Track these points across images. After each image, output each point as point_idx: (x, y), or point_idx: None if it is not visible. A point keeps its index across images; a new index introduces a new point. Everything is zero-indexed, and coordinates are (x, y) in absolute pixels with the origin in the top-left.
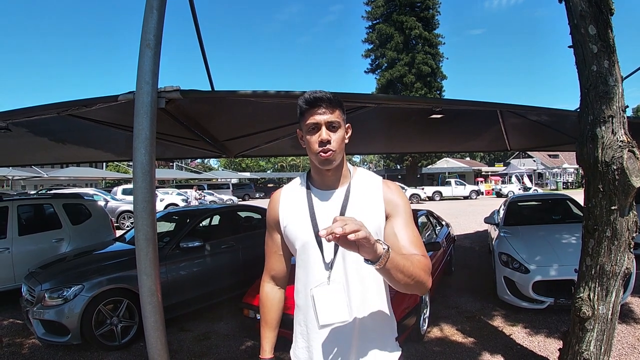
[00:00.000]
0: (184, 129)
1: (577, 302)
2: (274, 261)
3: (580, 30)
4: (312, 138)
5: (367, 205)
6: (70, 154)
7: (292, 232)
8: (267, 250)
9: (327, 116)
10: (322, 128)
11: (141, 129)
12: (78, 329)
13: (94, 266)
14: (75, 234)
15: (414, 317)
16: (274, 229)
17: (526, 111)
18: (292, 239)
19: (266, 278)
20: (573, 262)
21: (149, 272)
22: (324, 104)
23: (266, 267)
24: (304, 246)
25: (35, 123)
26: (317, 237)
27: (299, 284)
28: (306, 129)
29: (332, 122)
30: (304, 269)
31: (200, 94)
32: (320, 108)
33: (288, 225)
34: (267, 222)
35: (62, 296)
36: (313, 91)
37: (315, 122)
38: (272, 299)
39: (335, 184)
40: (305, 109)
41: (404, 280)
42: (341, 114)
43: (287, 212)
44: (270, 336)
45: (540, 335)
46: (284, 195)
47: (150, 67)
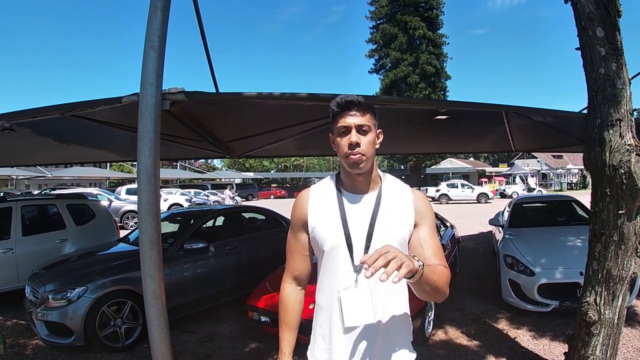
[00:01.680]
0: (188, 130)
1: (584, 307)
2: (297, 261)
3: (587, 33)
4: (342, 141)
5: (398, 212)
6: (74, 154)
7: (321, 234)
8: (291, 250)
9: (357, 119)
10: (352, 131)
11: (145, 132)
12: (82, 330)
13: (98, 267)
14: (79, 235)
15: (419, 319)
16: (300, 229)
17: (531, 113)
18: (321, 241)
19: (288, 278)
20: (579, 264)
21: (153, 275)
22: (355, 107)
23: (288, 268)
24: (333, 249)
25: (39, 123)
26: (347, 241)
27: (323, 285)
28: (337, 132)
29: (362, 126)
30: (331, 271)
31: (205, 95)
32: (351, 111)
33: (317, 226)
34: (292, 221)
35: (65, 297)
36: (345, 95)
37: (345, 125)
38: (293, 300)
39: (365, 188)
40: (336, 112)
41: (430, 291)
42: (372, 118)
43: (316, 214)
44: (290, 338)
45: (545, 339)
46: (313, 195)
47: (155, 68)
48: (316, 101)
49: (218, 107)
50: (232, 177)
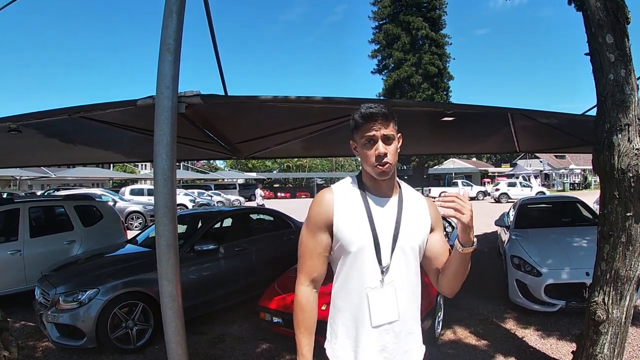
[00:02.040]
0: (199, 132)
1: (592, 306)
2: (316, 263)
3: (597, 39)
4: (369, 152)
5: (418, 216)
6: (79, 154)
7: (348, 235)
8: (309, 252)
9: (383, 130)
10: (379, 142)
11: (162, 135)
12: (93, 332)
13: (109, 269)
14: (87, 236)
15: (430, 320)
16: (322, 229)
17: (536, 114)
18: (347, 242)
19: (304, 281)
20: (585, 265)
21: (170, 278)
22: (380, 118)
23: (304, 270)
24: (360, 250)
25: (45, 125)
26: (375, 242)
27: (347, 286)
28: (362, 143)
29: (387, 136)
30: (357, 271)
31: (221, 99)
32: (376, 123)
33: (344, 228)
34: (312, 222)
35: (77, 300)
36: (368, 105)
37: (371, 136)
38: (312, 303)
39: (389, 192)
40: (361, 122)
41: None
42: (395, 125)
43: (343, 215)
44: (311, 342)
45: (552, 338)
46: (338, 196)
47: (171, 71)
48: (331, 104)
49: (231, 110)
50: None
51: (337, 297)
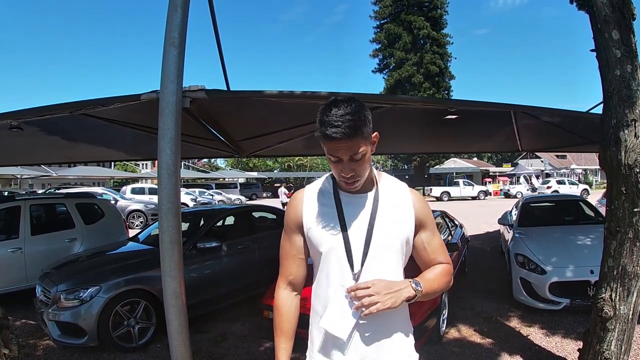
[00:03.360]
0: (201, 128)
1: (599, 303)
2: (292, 265)
3: (603, 35)
4: (335, 167)
5: (397, 213)
6: (81, 152)
7: (317, 235)
8: (285, 254)
9: (348, 150)
10: (345, 163)
11: (166, 129)
12: (95, 330)
13: (110, 267)
14: (88, 234)
15: (435, 318)
16: (295, 231)
17: (540, 112)
18: (317, 243)
19: (282, 284)
20: (589, 263)
21: (173, 275)
22: (344, 140)
23: (282, 272)
24: (330, 250)
25: (47, 122)
26: (345, 242)
27: (320, 289)
28: (329, 158)
29: (354, 155)
30: (328, 274)
31: (225, 94)
32: (340, 144)
33: (313, 227)
34: (286, 223)
35: (78, 297)
36: (330, 121)
37: (335, 156)
38: (289, 306)
39: (362, 189)
40: (326, 141)
41: (432, 297)
42: (365, 137)
43: (312, 214)
44: (287, 347)
45: (557, 336)
46: (308, 196)
47: (175, 65)
48: None
49: (234, 106)
50: (236, 177)
51: (313, 300)
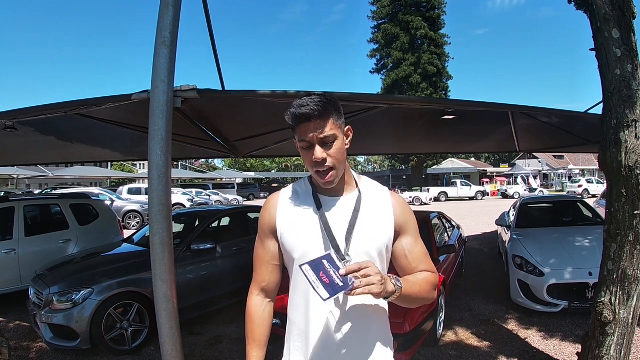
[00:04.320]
0: (197, 129)
1: (599, 307)
2: (265, 272)
3: (603, 34)
4: (307, 156)
5: (378, 218)
6: (77, 153)
7: (289, 239)
8: (258, 260)
9: (318, 131)
10: (316, 147)
11: (157, 130)
12: (88, 333)
13: (104, 269)
14: (83, 235)
15: (431, 321)
16: (268, 236)
17: (538, 113)
18: (290, 248)
19: (255, 290)
20: (587, 265)
21: (164, 278)
22: (313, 118)
23: (255, 278)
24: (304, 257)
25: (41, 122)
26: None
27: (295, 299)
28: (300, 146)
29: (325, 138)
30: (302, 281)
31: (217, 93)
32: (310, 125)
33: (286, 232)
34: (260, 228)
35: (71, 300)
36: (300, 103)
37: (306, 141)
38: (261, 313)
39: (340, 191)
40: (293, 126)
41: (412, 303)
42: (336, 121)
43: (286, 218)
44: (259, 355)
45: (555, 339)
46: (284, 199)
47: (167, 65)
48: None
49: (228, 106)
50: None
51: (289, 310)
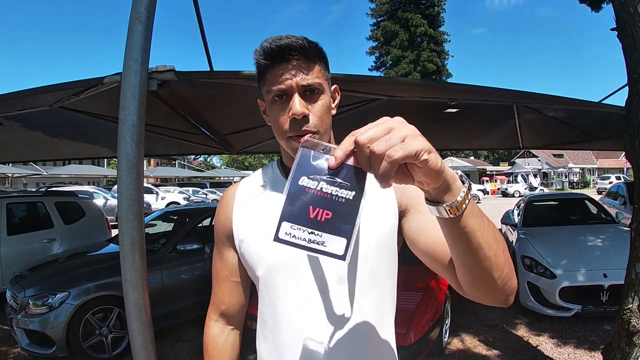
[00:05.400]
0: (183, 121)
1: (625, 314)
2: (224, 291)
3: (628, 10)
4: (280, 114)
5: (373, 207)
6: (66, 149)
7: (252, 250)
8: (215, 275)
9: (300, 76)
10: (295, 97)
11: (127, 114)
12: (64, 339)
13: (83, 271)
14: (68, 234)
15: (437, 329)
16: (225, 244)
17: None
18: (252, 263)
19: (213, 314)
20: (601, 266)
21: (135, 283)
22: (294, 53)
23: (213, 300)
24: (274, 271)
25: (27, 117)
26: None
27: (265, 330)
28: (269, 100)
29: (309, 86)
30: (271, 307)
31: (198, 75)
32: (288, 64)
33: (247, 239)
34: (215, 233)
35: (47, 304)
36: (276, 37)
37: (282, 89)
38: (221, 345)
39: None
40: (264, 66)
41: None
42: (323, 70)
43: (245, 220)
44: None
45: (569, 346)
46: (242, 193)
47: (141, 42)
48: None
49: (214, 91)
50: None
51: (258, 344)
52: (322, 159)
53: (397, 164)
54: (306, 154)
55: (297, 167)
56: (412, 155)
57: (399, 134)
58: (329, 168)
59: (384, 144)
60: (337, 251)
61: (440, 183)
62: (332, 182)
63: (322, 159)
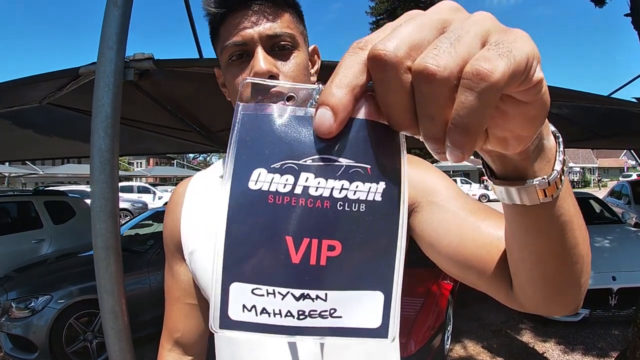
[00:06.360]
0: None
1: None
2: (178, 315)
3: None
4: (239, 76)
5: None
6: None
7: (204, 266)
8: (167, 296)
9: (264, 25)
10: (258, 50)
11: (101, 106)
12: (46, 345)
13: (66, 273)
14: (58, 234)
15: (440, 335)
16: (175, 256)
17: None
18: (206, 282)
19: (167, 343)
20: (610, 268)
21: (110, 290)
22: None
23: (166, 325)
24: None
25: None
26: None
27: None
28: (225, 60)
29: (277, 37)
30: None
31: (178, 63)
32: (249, 9)
33: (197, 251)
34: (164, 243)
35: (29, 307)
36: None
37: (238, 42)
38: None
39: None
40: (216, 15)
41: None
42: (295, 20)
43: (196, 226)
44: None
45: (577, 353)
46: (193, 192)
47: (116, 29)
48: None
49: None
50: None
51: None
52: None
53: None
54: (256, 116)
55: (239, 148)
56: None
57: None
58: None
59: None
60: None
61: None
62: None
63: (296, 121)
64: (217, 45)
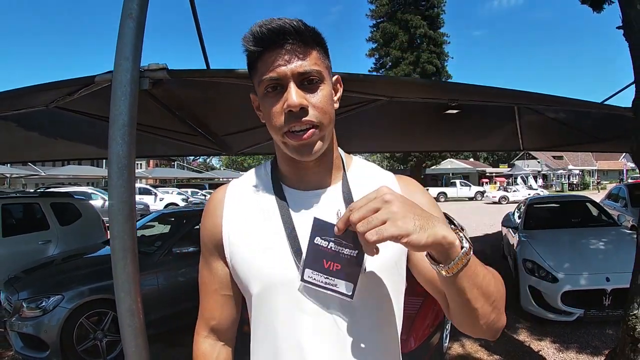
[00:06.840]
0: (180, 122)
1: (631, 320)
2: (214, 305)
3: (635, 7)
4: (274, 106)
5: None
6: (63, 150)
7: (245, 263)
8: (203, 288)
9: (296, 62)
10: (290, 86)
11: (118, 114)
12: (58, 344)
13: (77, 273)
14: (64, 236)
15: (438, 334)
16: (213, 253)
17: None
18: (245, 277)
19: (202, 330)
20: (604, 269)
21: (127, 289)
22: (288, 38)
23: (202, 314)
24: (268, 290)
25: (22, 117)
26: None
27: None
28: (261, 93)
29: (307, 74)
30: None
31: (191, 73)
32: (282, 49)
33: (236, 250)
34: (201, 241)
35: (40, 307)
36: (267, 19)
37: (275, 78)
38: None
39: (322, 180)
40: (254, 53)
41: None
42: (322, 57)
43: (237, 228)
44: None
45: (571, 351)
46: (232, 197)
47: (132, 41)
48: None
49: (209, 92)
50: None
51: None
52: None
53: (372, 244)
54: (318, 222)
55: (313, 231)
56: (385, 239)
57: (381, 217)
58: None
59: (365, 226)
60: (346, 291)
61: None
62: (339, 243)
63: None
64: (255, 77)
